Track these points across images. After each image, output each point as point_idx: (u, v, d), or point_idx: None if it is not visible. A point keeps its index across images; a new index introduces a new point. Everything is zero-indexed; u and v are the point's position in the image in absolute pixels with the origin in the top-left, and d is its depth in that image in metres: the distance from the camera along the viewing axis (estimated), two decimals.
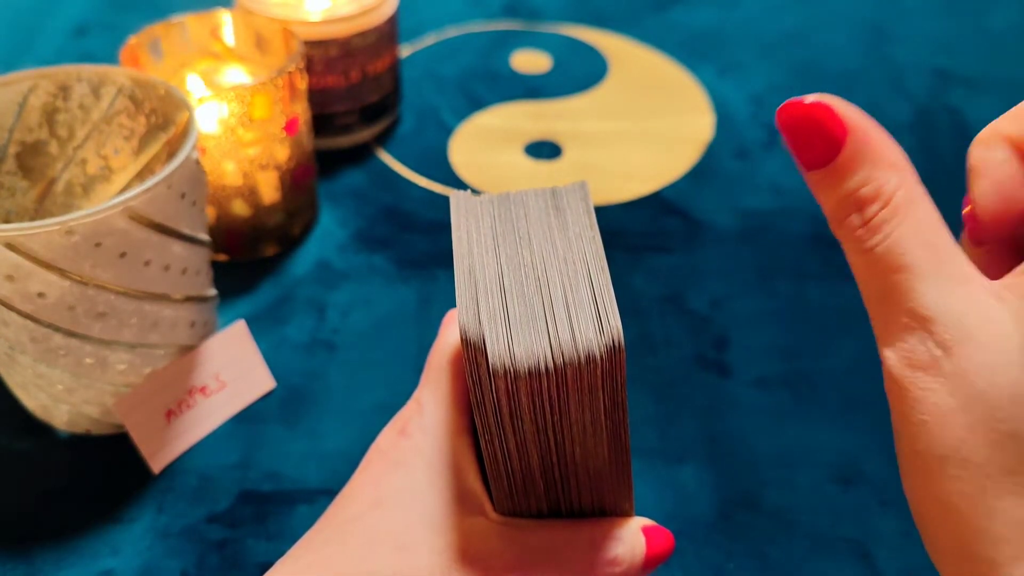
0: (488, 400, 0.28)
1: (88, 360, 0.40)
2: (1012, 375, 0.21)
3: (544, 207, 0.31)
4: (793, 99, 0.23)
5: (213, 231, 0.51)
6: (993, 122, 0.24)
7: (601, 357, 0.27)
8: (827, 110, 0.22)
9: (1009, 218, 0.24)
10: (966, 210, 0.25)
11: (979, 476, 0.21)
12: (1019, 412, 0.21)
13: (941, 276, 0.22)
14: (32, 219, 0.45)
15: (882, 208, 0.22)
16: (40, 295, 0.37)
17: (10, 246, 0.35)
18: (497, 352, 0.26)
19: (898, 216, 0.22)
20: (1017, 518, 0.21)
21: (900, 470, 0.23)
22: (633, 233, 0.57)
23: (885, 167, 0.22)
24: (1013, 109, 0.24)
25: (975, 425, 0.21)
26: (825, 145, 0.22)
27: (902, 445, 0.23)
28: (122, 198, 0.36)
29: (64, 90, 0.44)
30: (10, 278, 0.36)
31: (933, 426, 0.21)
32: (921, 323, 0.22)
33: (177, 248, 0.40)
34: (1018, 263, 0.23)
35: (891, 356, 0.22)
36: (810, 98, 0.22)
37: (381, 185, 0.61)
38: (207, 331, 0.45)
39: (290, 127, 0.51)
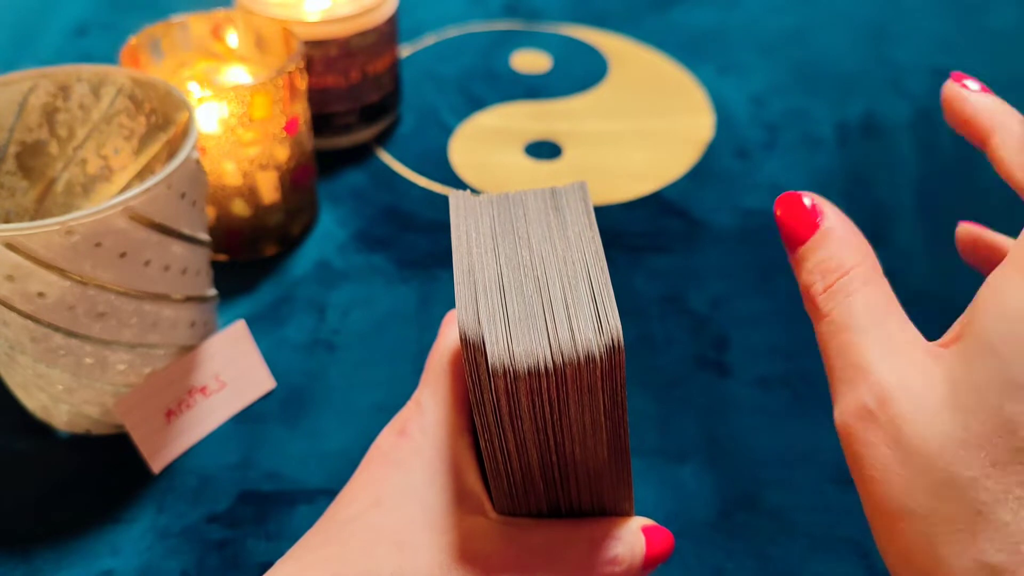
0: (488, 400, 0.28)
1: (88, 360, 0.40)
2: (939, 425, 0.22)
3: (543, 207, 0.31)
4: (788, 193, 0.28)
5: (213, 231, 0.51)
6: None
7: (600, 357, 0.27)
8: (808, 198, 0.27)
9: None
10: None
11: (925, 527, 0.22)
12: (949, 458, 0.22)
13: (885, 340, 0.24)
14: (32, 219, 0.45)
15: (840, 277, 0.26)
16: (40, 295, 0.37)
17: (10, 246, 0.35)
18: (496, 352, 0.27)
19: (853, 286, 0.25)
20: (964, 565, 0.21)
21: (866, 512, 0.24)
22: (633, 233, 0.57)
23: (850, 249, 0.26)
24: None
25: (914, 478, 0.22)
26: (805, 225, 0.27)
27: (862, 497, 0.24)
28: (122, 198, 0.36)
29: (64, 90, 0.44)
30: (10, 278, 0.36)
31: (880, 482, 0.23)
32: (862, 375, 0.24)
33: (177, 248, 0.40)
34: None
35: (839, 411, 0.24)
36: (802, 194, 0.28)
37: (381, 185, 0.61)
38: (207, 331, 0.45)
39: (290, 127, 0.51)
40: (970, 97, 0.29)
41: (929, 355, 0.24)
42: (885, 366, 0.24)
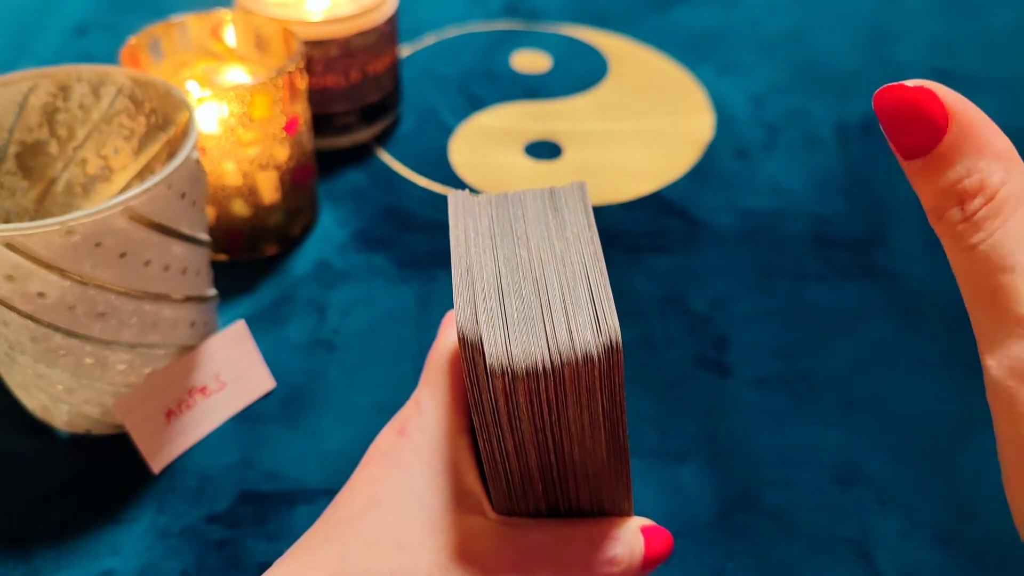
0: (486, 400, 0.28)
1: (88, 360, 0.40)
2: None
3: (542, 207, 0.31)
4: (893, 83, 0.21)
5: (213, 231, 0.51)
6: None
7: (599, 358, 0.27)
8: (928, 94, 0.21)
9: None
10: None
11: None
12: None
13: None
14: (32, 219, 0.45)
15: (986, 203, 0.20)
16: (40, 295, 0.37)
17: (10, 246, 0.35)
18: (495, 352, 0.27)
19: (1003, 213, 0.20)
20: None
21: (1004, 478, 0.22)
22: (633, 233, 0.57)
23: (990, 157, 0.20)
24: None
25: None
26: (925, 131, 0.21)
27: (1008, 455, 0.21)
28: (122, 198, 0.36)
29: (64, 90, 0.44)
30: (10, 278, 0.36)
31: None
32: None
33: (177, 248, 0.40)
34: None
35: (994, 364, 0.21)
36: (911, 82, 0.21)
37: (381, 185, 0.61)
38: (207, 331, 0.45)
39: (290, 127, 0.51)
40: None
41: None
42: None
